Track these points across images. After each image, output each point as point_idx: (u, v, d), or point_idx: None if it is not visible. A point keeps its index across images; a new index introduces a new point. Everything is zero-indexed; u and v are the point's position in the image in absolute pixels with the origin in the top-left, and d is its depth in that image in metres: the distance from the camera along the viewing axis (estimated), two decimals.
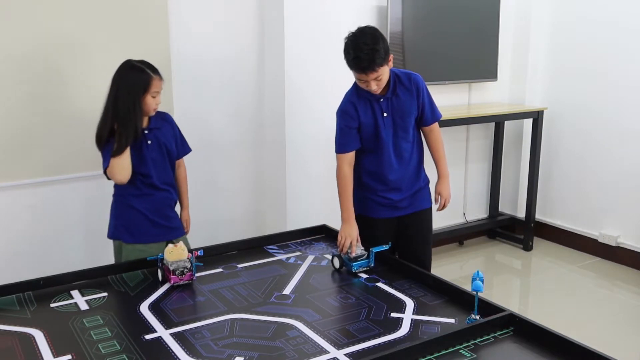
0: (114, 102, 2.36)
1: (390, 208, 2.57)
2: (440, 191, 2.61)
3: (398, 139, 2.50)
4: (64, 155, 2.93)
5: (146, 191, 2.48)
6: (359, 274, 2.25)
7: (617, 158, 4.14)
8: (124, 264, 2.32)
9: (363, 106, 2.46)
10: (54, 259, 2.95)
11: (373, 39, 2.27)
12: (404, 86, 2.47)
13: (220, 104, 3.33)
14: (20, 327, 1.85)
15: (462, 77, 4.23)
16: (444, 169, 2.62)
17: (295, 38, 3.25)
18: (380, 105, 2.46)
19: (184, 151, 2.64)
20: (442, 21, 4.01)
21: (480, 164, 4.68)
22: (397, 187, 2.54)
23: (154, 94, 2.39)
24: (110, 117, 2.37)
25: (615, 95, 4.11)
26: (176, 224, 2.59)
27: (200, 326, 1.85)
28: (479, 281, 1.81)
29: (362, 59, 2.26)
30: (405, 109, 2.48)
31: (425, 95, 2.52)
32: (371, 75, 2.30)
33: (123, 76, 2.38)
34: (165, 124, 2.52)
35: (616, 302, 3.71)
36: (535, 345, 1.70)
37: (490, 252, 4.55)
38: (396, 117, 2.47)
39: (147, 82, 2.36)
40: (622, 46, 4.02)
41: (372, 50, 2.25)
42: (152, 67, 2.41)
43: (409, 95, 2.47)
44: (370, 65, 2.27)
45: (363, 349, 1.71)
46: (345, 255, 2.27)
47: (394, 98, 2.46)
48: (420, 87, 2.49)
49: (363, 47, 2.25)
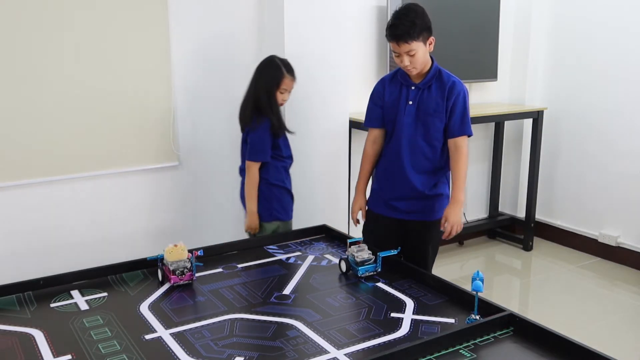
0: (254, 92, 2.76)
1: (393, 208, 2.54)
2: (447, 216, 2.45)
3: (416, 135, 2.45)
4: (64, 155, 2.93)
5: (291, 173, 2.83)
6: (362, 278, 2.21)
7: (617, 158, 4.14)
8: (124, 264, 2.32)
9: (393, 88, 2.50)
10: (54, 259, 2.95)
11: (414, 12, 2.33)
12: (441, 84, 2.43)
13: (220, 104, 3.33)
14: (20, 327, 1.85)
15: (462, 77, 4.15)
16: (458, 194, 2.45)
17: (295, 38, 3.25)
18: (408, 91, 2.45)
19: None
20: (442, 21, 4.01)
21: (480, 164, 4.68)
22: (405, 187, 2.50)
23: (283, 90, 2.76)
24: (250, 104, 2.77)
25: (616, 95, 4.11)
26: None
27: (200, 326, 1.85)
28: (479, 281, 1.81)
29: (397, 27, 2.31)
30: (432, 105, 2.43)
31: (459, 104, 2.44)
32: (403, 47, 2.32)
33: (263, 70, 2.78)
34: None
35: (616, 302, 3.71)
36: (535, 345, 1.70)
37: (490, 252, 4.55)
38: (420, 111, 2.44)
39: (279, 79, 2.73)
40: (622, 46, 4.02)
41: (410, 21, 2.30)
42: (288, 66, 2.78)
43: (440, 94, 2.43)
44: (404, 36, 2.29)
45: (363, 349, 1.71)
46: (352, 258, 2.23)
47: (425, 90, 2.43)
48: (455, 92, 2.43)
49: (402, 17, 2.31)
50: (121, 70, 2.99)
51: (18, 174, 2.84)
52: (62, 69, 2.85)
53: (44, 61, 2.81)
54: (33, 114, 2.82)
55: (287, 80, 2.76)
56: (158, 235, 3.20)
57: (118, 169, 3.08)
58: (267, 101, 2.74)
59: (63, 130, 2.90)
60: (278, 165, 2.85)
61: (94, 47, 2.90)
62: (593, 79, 4.22)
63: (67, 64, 2.86)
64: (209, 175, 3.37)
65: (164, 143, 3.17)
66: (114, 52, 2.96)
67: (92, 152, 2.99)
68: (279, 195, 2.86)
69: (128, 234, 3.15)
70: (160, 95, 3.12)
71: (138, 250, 2.83)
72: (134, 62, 3.02)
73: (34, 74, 2.80)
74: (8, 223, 2.86)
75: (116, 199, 3.11)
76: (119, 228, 3.13)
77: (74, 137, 2.93)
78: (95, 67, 2.92)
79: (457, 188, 2.45)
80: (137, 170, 3.13)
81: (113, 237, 3.11)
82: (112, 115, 3.00)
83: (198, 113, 3.26)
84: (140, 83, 3.05)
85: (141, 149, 3.12)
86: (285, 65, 2.77)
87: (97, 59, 2.92)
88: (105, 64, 2.95)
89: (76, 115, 2.92)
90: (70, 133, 2.92)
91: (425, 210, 2.54)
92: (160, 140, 3.16)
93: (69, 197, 2.99)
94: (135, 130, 3.08)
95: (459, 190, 2.45)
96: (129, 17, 2.97)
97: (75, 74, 2.89)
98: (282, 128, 2.82)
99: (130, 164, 3.11)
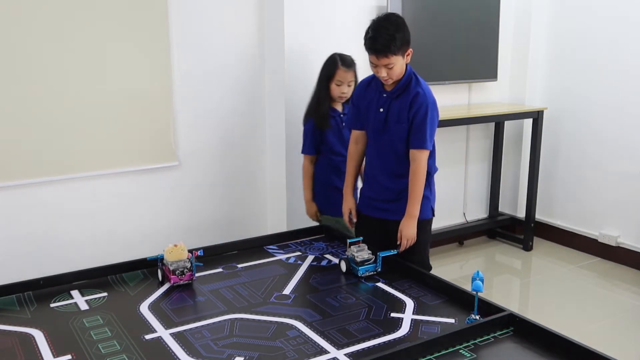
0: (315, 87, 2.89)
1: (375, 208, 2.55)
2: (401, 229, 2.40)
3: (383, 141, 2.46)
4: (64, 156, 2.93)
5: (343, 169, 2.71)
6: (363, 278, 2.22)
7: (618, 158, 4.14)
8: (124, 264, 2.32)
9: (368, 93, 2.51)
10: (54, 258, 2.95)
11: (395, 26, 2.30)
12: (407, 93, 2.41)
13: (220, 104, 3.33)
14: (20, 327, 1.85)
15: (462, 77, 4.23)
16: (411, 208, 2.40)
17: (295, 38, 3.25)
18: (380, 98, 2.46)
19: None
20: (442, 21, 4.01)
21: (480, 164, 4.68)
22: (378, 184, 2.52)
23: (338, 82, 2.79)
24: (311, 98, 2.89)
25: (616, 95, 4.11)
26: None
27: (200, 326, 1.85)
28: (479, 281, 1.82)
29: (377, 41, 2.29)
30: (396, 113, 2.42)
31: (419, 116, 2.37)
32: (382, 61, 2.30)
33: (322, 66, 2.87)
34: None
35: (616, 302, 3.71)
36: (535, 345, 1.70)
37: (490, 252, 4.55)
38: (388, 118, 2.44)
39: (332, 71, 2.79)
40: (623, 46, 4.02)
41: (390, 35, 2.27)
42: (345, 60, 2.80)
43: (404, 103, 2.40)
44: (383, 50, 2.28)
45: (363, 349, 1.71)
46: (352, 258, 2.24)
47: (393, 98, 2.43)
48: (417, 104, 2.37)
49: (382, 30, 2.28)
50: (121, 70, 2.99)
51: (18, 174, 2.83)
52: (62, 69, 2.85)
53: (43, 61, 2.81)
54: (33, 114, 2.82)
55: (341, 72, 2.78)
56: (158, 235, 3.19)
57: (118, 169, 3.07)
58: (316, 94, 2.87)
59: (63, 131, 2.90)
60: (323, 161, 2.91)
61: (94, 47, 2.90)
62: (593, 79, 4.22)
63: (66, 64, 2.86)
64: (209, 175, 3.37)
65: (163, 143, 3.17)
66: (114, 51, 2.95)
67: (92, 152, 2.98)
68: (321, 190, 2.94)
69: (128, 234, 3.15)
70: (160, 95, 3.11)
71: (138, 250, 2.83)
72: (134, 62, 3.02)
73: (34, 74, 2.79)
74: (8, 223, 2.86)
75: (116, 199, 3.10)
76: (119, 228, 3.13)
77: (73, 137, 2.93)
78: (95, 67, 2.92)
79: (410, 202, 2.40)
80: (137, 170, 3.13)
81: (113, 237, 3.11)
82: (112, 115, 3.00)
83: (198, 113, 3.26)
84: (140, 83, 3.05)
85: (141, 149, 3.11)
86: (341, 59, 2.81)
87: (97, 59, 2.91)
88: (105, 64, 2.94)
89: (76, 116, 2.91)
90: (70, 133, 2.92)
91: (401, 210, 2.45)
92: (160, 140, 3.16)
93: (68, 197, 2.98)
94: (135, 130, 3.08)
95: (413, 204, 2.40)
96: (129, 17, 2.97)
97: (75, 74, 2.88)
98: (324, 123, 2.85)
99: (130, 164, 3.10)
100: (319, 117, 2.86)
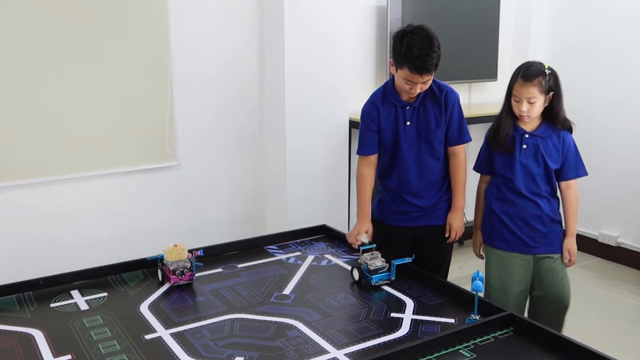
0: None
1: (405, 217, 2.47)
2: (451, 222, 2.47)
3: (421, 153, 2.39)
4: (64, 156, 2.93)
5: (509, 196, 2.37)
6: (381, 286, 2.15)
7: (617, 158, 4.14)
8: (124, 264, 2.32)
9: (387, 110, 2.38)
10: (54, 259, 2.95)
11: (438, 42, 2.24)
12: (434, 97, 2.36)
13: (220, 104, 3.33)
14: (20, 327, 1.85)
15: (462, 77, 4.23)
16: (459, 200, 2.47)
17: (295, 38, 3.25)
18: (404, 112, 2.36)
19: (576, 173, 2.40)
20: (442, 21, 4.01)
21: None
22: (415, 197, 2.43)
23: (516, 98, 2.31)
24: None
25: (615, 95, 4.11)
26: (540, 242, 2.36)
27: (200, 326, 1.85)
28: (479, 281, 1.82)
29: (427, 60, 2.19)
30: (432, 121, 2.36)
31: (456, 112, 2.39)
32: (425, 77, 2.23)
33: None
34: (553, 137, 2.33)
35: (616, 302, 3.70)
36: (535, 345, 1.70)
37: None
38: (421, 129, 2.36)
39: (510, 85, 2.35)
40: (622, 47, 4.02)
41: (432, 50, 2.20)
42: (527, 72, 2.26)
43: (437, 107, 2.36)
44: (427, 67, 2.20)
45: (363, 349, 1.71)
46: (365, 266, 2.18)
47: (421, 107, 2.35)
48: (450, 101, 2.37)
49: (425, 45, 2.19)
50: (121, 70, 2.99)
51: (18, 174, 2.83)
52: (62, 69, 2.85)
53: (43, 61, 2.80)
54: (32, 114, 2.82)
55: (517, 87, 2.29)
56: (158, 235, 3.19)
57: (117, 169, 3.07)
58: (502, 110, 2.45)
59: (62, 131, 2.90)
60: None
61: (94, 47, 2.90)
62: (593, 79, 4.21)
63: (66, 64, 2.85)
64: (208, 175, 3.37)
65: (163, 143, 3.17)
66: (114, 51, 2.95)
67: (92, 152, 2.98)
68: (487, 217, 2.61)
69: (128, 234, 3.15)
70: (160, 95, 3.11)
71: (138, 250, 2.82)
72: (134, 62, 3.02)
73: (34, 74, 2.79)
74: (8, 223, 2.86)
75: (116, 199, 3.10)
76: (119, 228, 3.13)
77: (73, 137, 2.92)
78: (94, 67, 2.91)
79: (458, 195, 2.47)
80: (137, 170, 3.13)
81: (113, 237, 3.11)
82: (111, 115, 3.00)
83: (197, 113, 3.26)
84: (140, 83, 3.05)
85: (140, 149, 3.11)
86: (525, 70, 2.28)
87: (97, 59, 2.91)
88: (105, 64, 2.94)
89: (75, 116, 2.91)
90: (70, 133, 2.92)
91: (433, 215, 2.47)
92: (159, 140, 3.15)
93: (68, 197, 2.98)
94: (134, 130, 3.08)
95: (461, 197, 2.47)
96: (129, 17, 2.97)
97: (74, 74, 2.88)
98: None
99: (130, 164, 3.10)
100: (502, 134, 2.39)
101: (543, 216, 2.33)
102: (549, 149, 2.32)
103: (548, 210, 2.34)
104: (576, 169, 2.37)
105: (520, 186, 2.32)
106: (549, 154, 2.31)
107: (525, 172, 2.32)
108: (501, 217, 2.37)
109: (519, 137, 2.33)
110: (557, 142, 2.33)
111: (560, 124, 2.32)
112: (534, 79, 2.24)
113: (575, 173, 2.38)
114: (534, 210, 2.32)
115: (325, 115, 3.40)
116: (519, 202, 2.33)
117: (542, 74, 2.25)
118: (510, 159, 2.33)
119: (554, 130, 2.33)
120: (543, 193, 2.33)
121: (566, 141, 2.33)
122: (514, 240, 2.35)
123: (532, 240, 2.34)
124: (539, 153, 2.31)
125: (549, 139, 2.32)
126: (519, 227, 2.34)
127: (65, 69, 2.86)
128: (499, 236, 2.40)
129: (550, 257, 2.36)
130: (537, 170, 2.31)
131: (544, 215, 2.33)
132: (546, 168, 2.31)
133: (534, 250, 2.35)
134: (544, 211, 2.32)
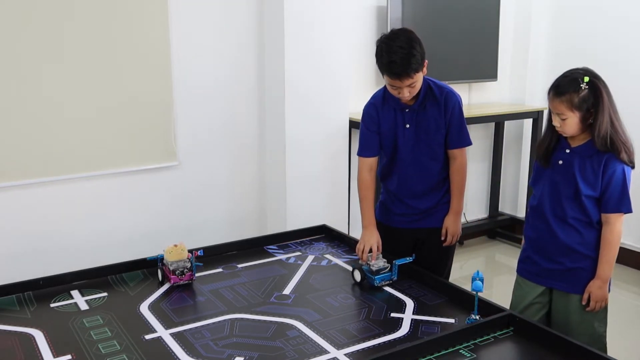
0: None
1: (408, 218, 2.44)
2: (448, 226, 2.39)
3: (421, 155, 2.35)
4: (64, 156, 2.93)
5: (533, 217, 2.17)
6: (383, 287, 2.15)
7: None
8: (124, 264, 2.32)
9: (386, 113, 2.34)
10: (54, 259, 2.95)
11: (409, 42, 2.12)
12: (434, 99, 2.30)
13: (220, 104, 3.33)
14: (20, 327, 1.85)
15: (462, 77, 4.23)
16: (457, 203, 2.40)
17: (295, 38, 3.25)
18: (404, 115, 2.32)
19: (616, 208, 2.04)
20: (442, 21, 4.01)
21: (480, 164, 4.68)
22: (415, 200, 2.41)
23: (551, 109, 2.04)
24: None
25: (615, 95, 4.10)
26: (557, 276, 2.10)
27: (200, 326, 1.85)
28: (479, 281, 1.82)
29: (397, 64, 2.10)
30: (432, 123, 2.30)
31: (456, 114, 2.32)
32: (405, 82, 2.14)
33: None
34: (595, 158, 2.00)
35: (616, 302, 3.70)
36: (535, 345, 1.70)
37: (490, 252, 4.55)
38: (420, 132, 2.32)
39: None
40: (623, 47, 4.02)
41: (408, 54, 2.09)
42: (559, 84, 2.03)
43: (437, 110, 2.30)
44: (406, 71, 2.11)
45: (363, 349, 1.71)
46: (367, 267, 2.17)
47: (420, 110, 2.31)
48: (450, 104, 2.30)
49: (398, 50, 2.10)
50: (121, 70, 2.99)
51: (18, 174, 2.83)
52: (62, 69, 2.85)
53: (43, 61, 2.80)
54: (33, 114, 2.82)
55: (549, 98, 2.06)
56: (158, 235, 3.19)
57: (118, 169, 3.07)
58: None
59: (63, 131, 2.90)
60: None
61: (94, 47, 2.90)
62: None
63: (67, 64, 2.86)
64: (209, 175, 3.37)
65: (163, 143, 3.17)
66: (114, 52, 2.95)
67: (92, 152, 2.98)
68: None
69: (128, 234, 3.15)
70: (160, 95, 3.11)
71: (138, 250, 2.82)
72: (134, 62, 3.02)
73: (34, 74, 2.79)
74: (8, 223, 2.86)
75: (116, 199, 3.11)
76: (119, 228, 3.13)
77: (73, 137, 2.93)
78: (95, 67, 2.92)
79: (457, 198, 2.40)
80: (137, 170, 3.13)
81: (113, 237, 3.11)
82: (111, 115, 3.00)
83: (198, 113, 3.26)
84: (140, 83, 3.05)
85: (141, 149, 3.11)
86: (559, 81, 2.09)
87: (97, 60, 2.92)
88: (105, 65, 2.94)
89: (76, 116, 2.91)
90: (70, 133, 2.92)
91: (434, 216, 2.43)
92: (160, 140, 3.16)
93: (68, 197, 2.98)
94: (135, 130, 3.08)
95: (459, 200, 2.41)
96: (130, 17, 2.97)
97: (75, 74, 2.88)
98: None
99: (130, 164, 3.10)
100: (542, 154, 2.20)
101: (564, 247, 2.02)
102: (586, 170, 1.98)
103: (575, 241, 2.02)
104: (618, 203, 1.98)
105: (545, 207, 2.05)
106: (584, 176, 1.98)
107: (553, 192, 2.04)
108: (524, 237, 2.19)
109: (559, 151, 2.05)
110: (597, 165, 1.97)
111: (602, 146, 1.96)
112: (563, 95, 1.98)
113: (615, 207, 1.99)
114: (554, 238, 2.04)
115: (325, 116, 3.40)
116: (540, 226, 2.08)
117: (574, 88, 1.99)
118: (542, 175, 2.10)
119: (600, 152, 1.98)
120: (570, 220, 2.01)
121: (609, 167, 1.96)
122: (529, 267, 2.15)
123: (548, 273, 2.09)
124: (571, 172, 2.00)
125: (590, 159, 1.98)
126: (537, 253, 2.11)
127: (65, 69, 2.86)
128: (521, 257, 2.20)
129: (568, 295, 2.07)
130: (565, 191, 2.00)
131: (565, 247, 2.02)
132: (577, 191, 1.98)
133: (548, 283, 2.11)
134: (566, 242, 2.02)
